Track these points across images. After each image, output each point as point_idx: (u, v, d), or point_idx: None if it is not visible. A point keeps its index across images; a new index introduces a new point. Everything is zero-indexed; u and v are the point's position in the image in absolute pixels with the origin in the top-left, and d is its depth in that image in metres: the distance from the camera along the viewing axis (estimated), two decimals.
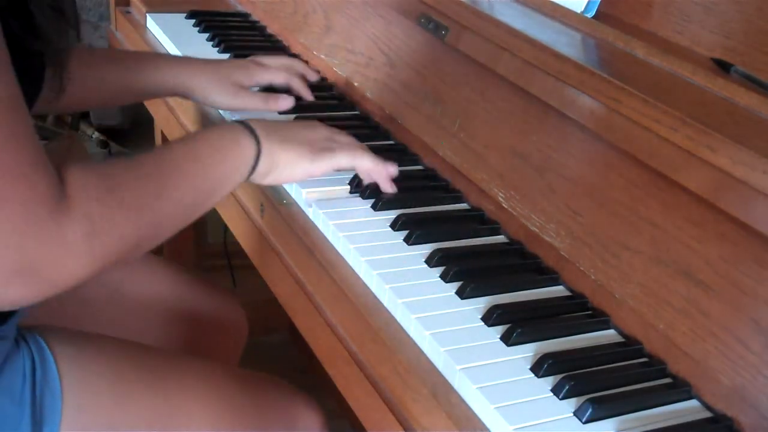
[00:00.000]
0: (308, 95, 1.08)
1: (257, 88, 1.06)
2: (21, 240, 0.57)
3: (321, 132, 0.86)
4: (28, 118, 0.59)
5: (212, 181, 0.75)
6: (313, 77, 1.12)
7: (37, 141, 0.60)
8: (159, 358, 0.83)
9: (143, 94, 1.04)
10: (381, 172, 0.86)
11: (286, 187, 0.89)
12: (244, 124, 0.79)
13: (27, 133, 0.59)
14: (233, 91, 1.01)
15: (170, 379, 0.80)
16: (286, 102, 1.03)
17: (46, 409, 0.70)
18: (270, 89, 1.07)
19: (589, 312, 0.74)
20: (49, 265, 0.59)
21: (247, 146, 0.78)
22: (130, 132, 2.51)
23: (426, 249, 0.79)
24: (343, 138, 0.87)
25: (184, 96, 1.02)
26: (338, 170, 0.85)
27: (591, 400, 0.61)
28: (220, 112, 1.06)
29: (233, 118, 0.97)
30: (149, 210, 0.67)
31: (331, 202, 0.85)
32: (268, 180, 0.81)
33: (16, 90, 0.58)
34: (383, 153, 0.99)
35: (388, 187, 0.87)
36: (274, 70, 1.07)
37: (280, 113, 1.04)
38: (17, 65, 0.59)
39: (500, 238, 0.84)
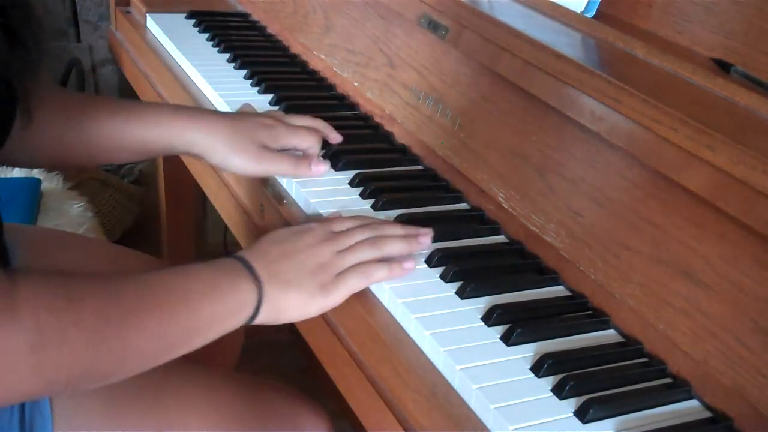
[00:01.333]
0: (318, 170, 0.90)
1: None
2: None
3: (326, 249, 0.72)
4: None
5: (198, 322, 0.66)
6: (336, 140, 0.96)
7: None
8: (154, 370, 0.81)
9: (143, 153, 0.89)
10: (401, 275, 0.74)
11: (286, 187, 0.89)
12: (244, 263, 0.69)
13: None
14: (257, 154, 0.86)
15: (166, 392, 0.78)
16: (322, 167, 0.88)
17: (36, 430, 0.69)
18: None
19: (589, 312, 0.74)
20: None
21: (247, 291, 0.68)
22: None
23: (426, 249, 0.79)
24: (354, 239, 0.74)
25: (197, 157, 0.88)
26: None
27: (591, 400, 0.61)
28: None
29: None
30: (113, 338, 0.59)
31: (332, 202, 0.85)
32: (281, 321, 0.71)
33: None
34: (384, 153, 0.99)
35: (411, 267, 0.74)
36: (302, 132, 0.90)
37: None
38: None
39: (500, 238, 0.84)
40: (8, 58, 0.59)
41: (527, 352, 0.67)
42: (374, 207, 0.86)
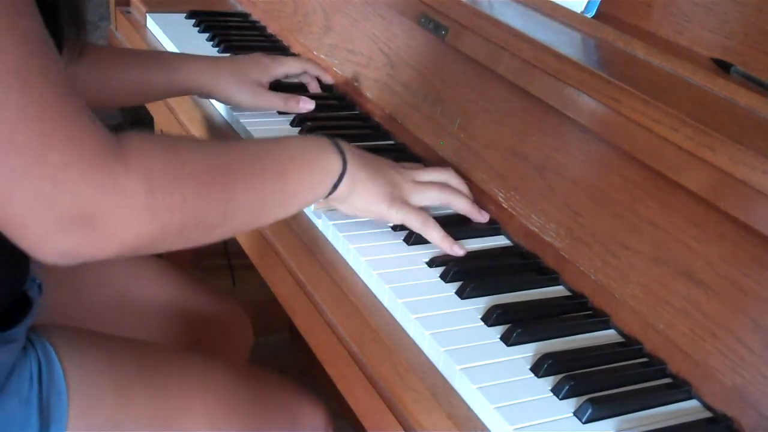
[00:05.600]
0: (316, 87, 1.12)
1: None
2: (77, 184, 0.53)
3: (408, 178, 0.82)
4: (62, 67, 0.56)
5: (290, 185, 0.72)
6: (328, 79, 1.13)
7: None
8: (161, 356, 0.83)
9: (163, 94, 1.04)
10: (448, 248, 0.79)
11: None
12: (333, 142, 0.77)
13: (67, 82, 0.55)
14: (254, 90, 1.02)
15: (171, 377, 0.80)
16: (307, 104, 1.03)
17: (53, 409, 0.71)
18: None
19: (589, 312, 0.74)
20: (106, 216, 0.55)
21: (333, 162, 0.75)
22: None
23: (426, 249, 0.79)
24: (428, 194, 0.83)
25: (206, 96, 1.03)
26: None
27: (591, 400, 0.61)
28: (221, 112, 1.06)
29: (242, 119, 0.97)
30: (219, 188, 0.64)
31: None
32: (343, 207, 0.79)
33: (47, 34, 0.54)
34: (384, 153, 0.99)
35: (453, 251, 0.80)
36: (287, 61, 1.08)
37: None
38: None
39: (500, 238, 0.84)
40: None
41: (527, 352, 0.67)
42: None
